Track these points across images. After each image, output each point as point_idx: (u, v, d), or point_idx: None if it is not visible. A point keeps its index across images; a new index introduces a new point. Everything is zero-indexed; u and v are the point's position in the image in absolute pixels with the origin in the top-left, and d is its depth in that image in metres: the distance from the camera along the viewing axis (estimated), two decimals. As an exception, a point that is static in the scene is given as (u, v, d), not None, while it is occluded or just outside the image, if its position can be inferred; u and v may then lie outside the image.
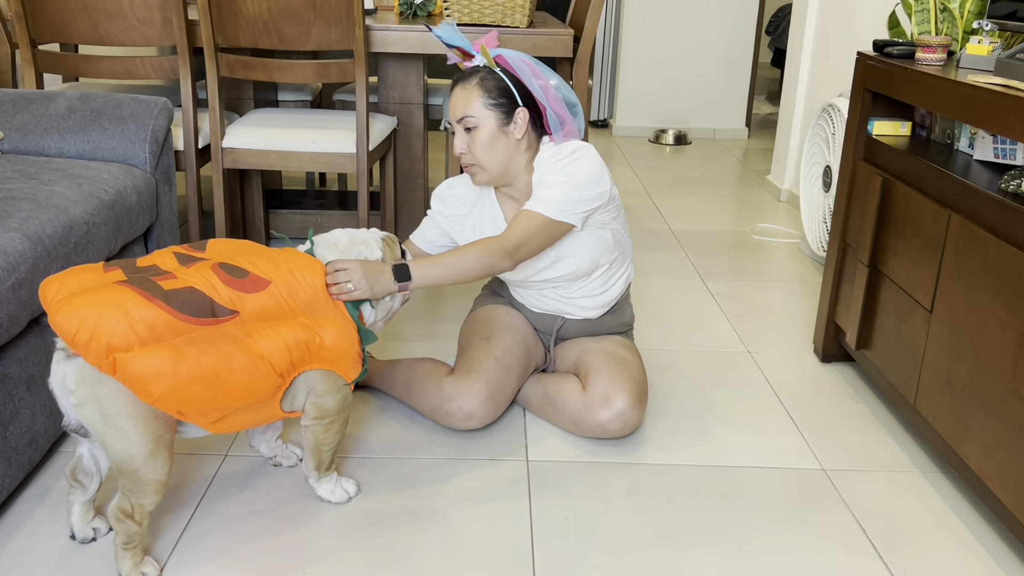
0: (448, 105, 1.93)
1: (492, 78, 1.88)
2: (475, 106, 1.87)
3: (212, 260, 1.54)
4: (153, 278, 1.45)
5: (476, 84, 1.88)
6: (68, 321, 1.35)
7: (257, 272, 1.53)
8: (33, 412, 1.71)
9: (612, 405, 1.95)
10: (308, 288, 1.57)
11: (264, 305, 1.51)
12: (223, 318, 1.47)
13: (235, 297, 1.49)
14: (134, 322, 1.37)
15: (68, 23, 2.57)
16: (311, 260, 1.62)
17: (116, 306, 1.37)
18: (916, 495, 1.86)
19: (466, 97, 1.87)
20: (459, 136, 1.91)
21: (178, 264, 1.52)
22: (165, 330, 1.40)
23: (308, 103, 3.37)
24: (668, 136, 5.34)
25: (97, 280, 1.44)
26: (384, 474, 1.87)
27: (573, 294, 2.08)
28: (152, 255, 1.56)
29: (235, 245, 1.63)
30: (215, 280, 1.48)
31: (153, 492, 1.46)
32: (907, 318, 1.99)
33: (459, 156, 1.92)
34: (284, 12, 2.53)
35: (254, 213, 3.19)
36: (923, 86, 1.93)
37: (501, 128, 1.88)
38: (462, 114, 1.88)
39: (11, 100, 2.30)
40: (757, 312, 2.80)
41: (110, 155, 2.26)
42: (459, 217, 2.09)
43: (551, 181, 1.88)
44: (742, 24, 5.33)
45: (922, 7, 2.27)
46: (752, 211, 3.94)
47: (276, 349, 1.50)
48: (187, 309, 1.43)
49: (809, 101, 3.91)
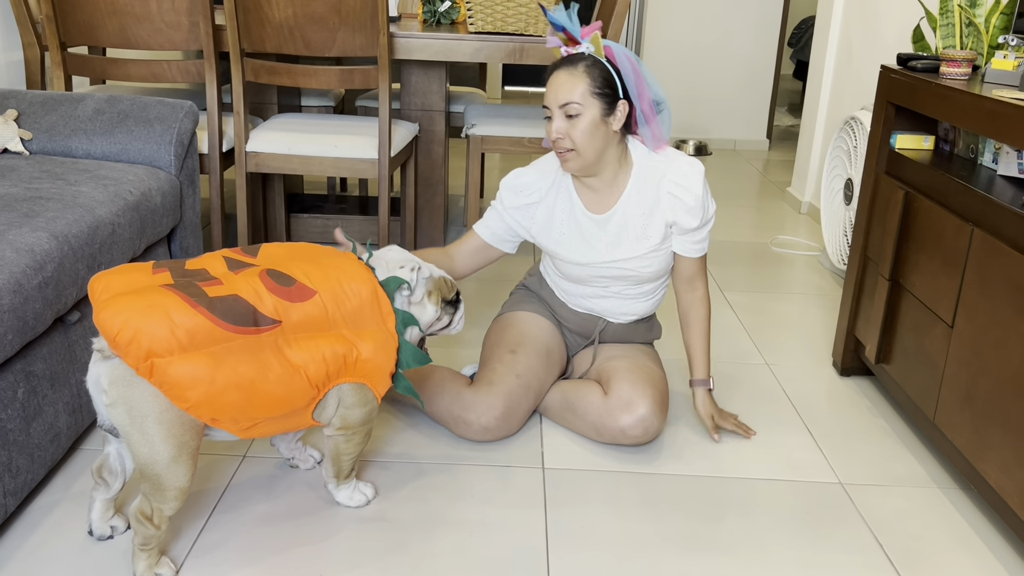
0: (550, 87, 1.89)
1: (599, 67, 1.85)
2: (581, 92, 1.83)
3: (261, 266, 1.54)
4: (199, 283, 1.46)
5: (583, 71, 1.84)
6: (112, 321, 1.36)
7: (305, 280, 1.53)
8: (56, 409, 1.73)
9: (634, 411, 1.95)
10: (354, 298, 1.56)
11: (308, 315, 1.51)
12: (264, 327, 1.46)
13: (280, 306, 1.48)
14: (176, 328, 1.38)
15: (97, 26, 2.60)
16: (360, 269, 1.60)
17: (160, 310, 1.38)
18: (934, 511, 1.85)
19: (572, 82, 1.84)
20: (558, 120, 1.87)
21: (227, 269, 1.52)
22: (206, 338, 1.41)
23: (331, 108, 3.40)
24: (688, 147, 5.33)
25: (145, 281, 1.45)
26: (400, 479, 1.87)
27: (630, 295, 2.08)
28: (203, 257, 1.56)
29: (288, 250, 1.62)
30: (261, 288, 1.48)
31: (173, 498, 1.47)
32: (928, 332, 1.98)
33: (556, 140, 1.88)
34: (309, 18, 2.56)
35: (276, 217, 3.22)
36: (947, 100, 1.93)
37: (603, 118, 1.86)
38: (567, 99, 1.84)
39: (40, 101, 2.33)
40: (776, 324, 2.79)
41: (136, 157, 2.28)
42: (529, 207, 2.05)
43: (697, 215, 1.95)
44: (765, 35, 5.32)
45: (947, 21, 2.26)
46: (772, 223, 3.92)
47: (313, 362, 1.50)
48: (229, 317, 1.43)
49: (831, 113, 3.90)
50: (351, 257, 1.64)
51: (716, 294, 3.01)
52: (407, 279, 1.69)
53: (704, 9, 5.27)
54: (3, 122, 2.21)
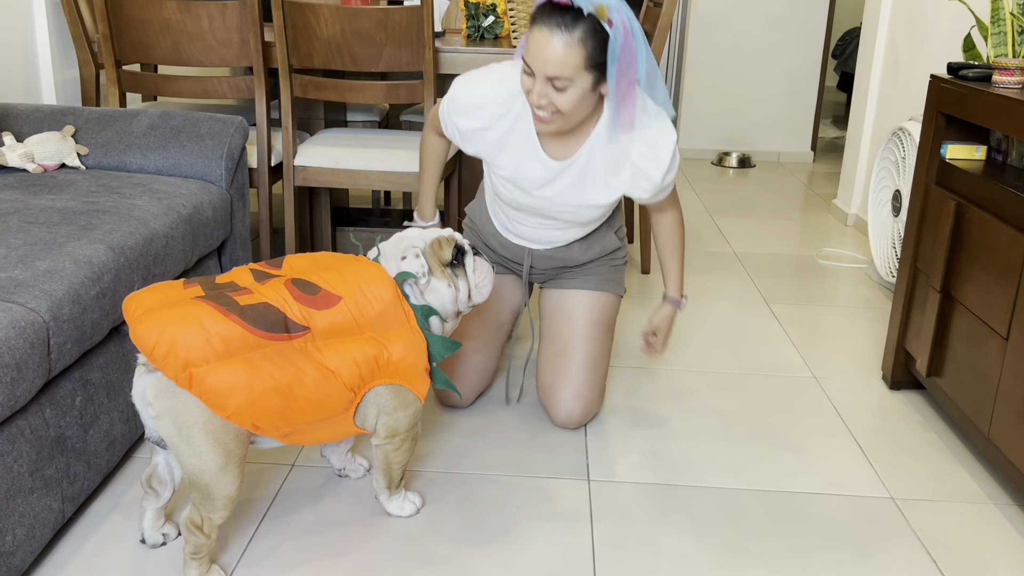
0: (536, 47, 1.66)
1: (598, 35, 1.65)
2: (575, 67, 1.66)
3: (286, 276, 1.57)
4: (230, 294, 1.49)
5: (579, 41, 1.64)
6: (147, 335, 1.39)
7: (328, 288, 1.55)
8: (111, 417, 1.77)
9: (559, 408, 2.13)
10: (376, 303, 1.58)
11: (334, 321, 1.53)
12: (296, 334, 1.49)
13: (306, 313, 1.51)
14: (210, 336, 1.41)
15: (151, 44, 2.67)
16: (379, 272, 1.61)
17: (193, 320, 1.41)
18: (989, 527, 1.81)
19: (566, 54, 1.64)
20: (541, 84, 1.69)
21: (254, 280, 1.55)
22: (240, 345, 1.43)
23: (376, 123, 3.44)
24: (731, 159, 5.30)
25: (177, 296, 1.48)
26: (447, 489, 1.88)
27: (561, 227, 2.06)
28: (230, 272, 1.59)
29: (309, 260, 1.65)
30: (287, 296, 1.51)
31: (222, 507, 1.49)
32: (981, 345, 1.94)
33: (538, 105, 1.73)
34: (356, 34, 2.59)
35: (322, 230, 3.26)
36: (1001, 109, 1.90)
37: (593, 88, 1.74)
38: (557, 73, 1.66)
39: (96, 118, 2.40)
40: (823, 337, 2.75)
41: (188, 171, 2.33)
42: (479, 131, 1.91)
43: (653, 189, 1.91)
44: (809, 47, 5.28)
45: (999, 29, 2.23)
46: (818, 235, 3.88)
47: (346, 365, 1.52)
48: (261, 324, 1.46)
49: (878, 125, 3.86)
50: (369, 262, 1.65)
51: (762, 306, 2.99)
52: (411, 268, 1.65)
53: (747, 21, 5.25)
54: (61, 138, 2.27)
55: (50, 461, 1.56)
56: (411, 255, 1.67)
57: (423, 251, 1.69)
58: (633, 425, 2.18)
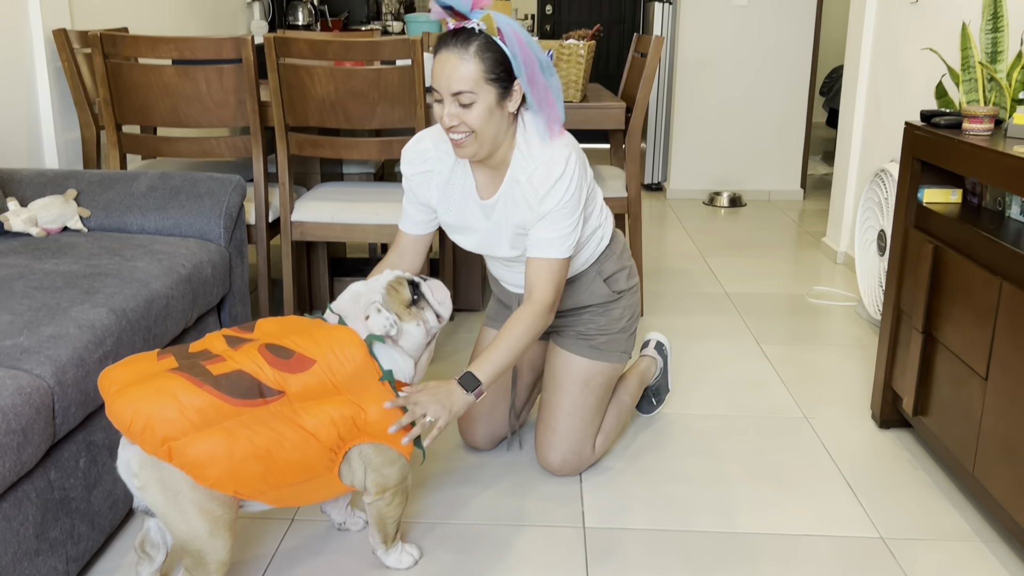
0: (438, 68, 1.74)
1: (492, 49, 1.73)
2: (474, 80, 1.72)
3: (259, 341, 1.58)
4: (203, 363, 1.51)
5: (474, 55, 1.72)
6: (123, 412, 1.42)
7: (301, 351, 1.57)
8: (114, 477, 1.81)
9: (551, 459, 2.17)
10: (348, 364, 1.59)
11: (308, 384, 1.55)
12: (271, 398, 1.51)
13: (280, 377, 1.53)
14: (184, 408, 1.43)
15: (151, 107, 2.75)
16: (349, 334, 1.62)
17: (167, 394, 1.43)
18: (978, 565, 1.84)
19: (464, 68, 1.72)
20: (449, 106, 1.75)
21: (227, 347, 1.56)
22: (215, 414, 1.46)
23: (371, 175, 3.52)
24: (722, 198, 5.38)
25: (150, 368, 1.51)
26: (443, 538, 1.92)
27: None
28: (204, 339, 1.62)
29: (280, 324, 1.67)
30: (262, 362, 1.53)
31: (215, 571, 1.52)
32: (963, 385, 1.99)
33: (450, 127, 1.78)
34: (350, 93, 2.68)
35: (320, 283, 3.32)
36: (970, 156, 1.96)
37: (499, 103, 1.78)
38: (460, 88, 1.72)
39: (98, 180, 2.47)
40: (814, 376, 2.80)
41: (187, 230, 2.39)
42: (426, 175, 1.97)
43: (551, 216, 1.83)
44: (795, 85, 5.39)
45: (969, 76, 2.31)
46: (808, 273, 3.94)
47: (323, 426, 1.54)
48: (236, 392, 1.48)
49: (863, 164, 3.94)
50: (338, 325, 1.66)
51: (753, 347, 3.04)
52: (379, 326, 1.64)
53: (733, 63, 5.36)
54: (64, 202, 2.34)
55: (55, 523, 1.60)
56: (373, 312, 1.65)
57: (382, 304, 1.68)
58: (626, 469, 2.21)
